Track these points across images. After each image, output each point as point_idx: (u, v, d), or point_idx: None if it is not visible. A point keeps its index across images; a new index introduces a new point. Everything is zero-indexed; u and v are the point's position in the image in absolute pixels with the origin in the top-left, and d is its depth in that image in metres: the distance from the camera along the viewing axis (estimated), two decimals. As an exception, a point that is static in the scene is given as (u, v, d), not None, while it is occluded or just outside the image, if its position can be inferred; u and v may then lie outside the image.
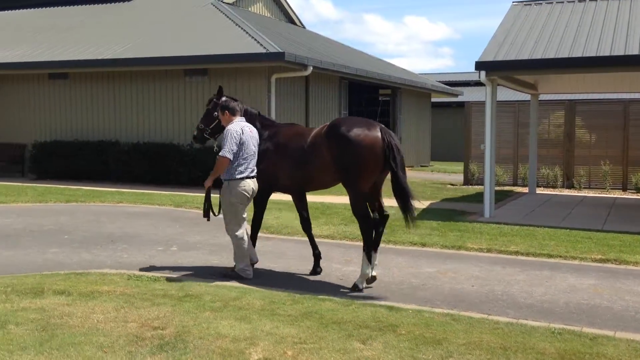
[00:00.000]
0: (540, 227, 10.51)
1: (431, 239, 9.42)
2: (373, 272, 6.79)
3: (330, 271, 7.48)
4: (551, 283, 7.08)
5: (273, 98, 16.59)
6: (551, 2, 14.04)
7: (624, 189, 17.03)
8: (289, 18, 26.33)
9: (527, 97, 17.27)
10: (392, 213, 7.31)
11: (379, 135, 6.55)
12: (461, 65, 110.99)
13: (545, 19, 13.28)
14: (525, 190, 16.71)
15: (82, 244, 8.98)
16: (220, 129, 7.38)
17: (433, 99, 29.47)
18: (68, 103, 19.02)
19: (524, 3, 14.38)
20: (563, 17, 13.18)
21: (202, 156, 15.59)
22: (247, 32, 17.31)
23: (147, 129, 17.90)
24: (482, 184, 13.55)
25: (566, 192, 16.77)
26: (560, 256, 8.39)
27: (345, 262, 7.88)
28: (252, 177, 6.99)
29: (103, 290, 6.32)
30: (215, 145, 7.47)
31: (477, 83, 30.42)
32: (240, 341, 4.90)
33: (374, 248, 6.84)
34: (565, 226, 10.66)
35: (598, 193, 16.62)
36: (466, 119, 18.87)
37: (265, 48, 15.93)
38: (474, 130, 18.36)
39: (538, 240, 9.45)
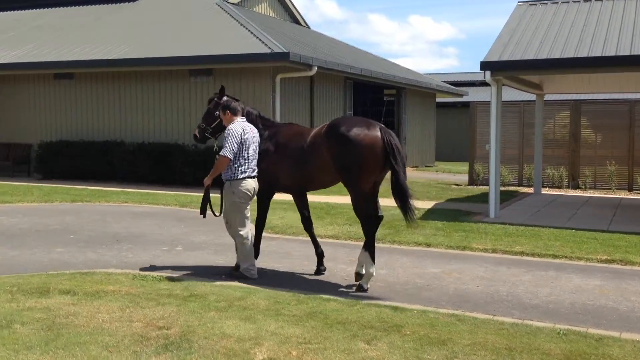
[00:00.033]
0: (545, 228, 10.49)
1: (436, 240, 9.41)
2: (362, 270, 6.83)
3: (335, 271, 7.49)
4: (556, 284, 7.06)
5: (278, 98, 16.61)
6: (557, 2, 14.01)
7: (630, 190, 16.97)
8: (294, 18, 26.34)
9: (533, 97, 17.23)
10: (396, 214, 7.30)
11: (379, 135, 6.55)
12: (466, 65, 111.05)
13: (550, 19, 13.25)
14: (530, 190, 16.69)
15: (88, 244, 9.01)
16: (221, 129, 7.44)
17: (438, 99, 29.45)
18: (74, 103, 19.09)
19: (530, 3, 14.35)
20: (568, 17, 13.15)
21: (207, 156, 15.61)
22: (252, 32, 17.33)
23: (152, 129, 17.94)
24: (487, 184, 13.52)
25: (571, 193, 16.73)
26: (565, 257, 8.37)
27: (350, 262, 7.87)
28: (254, 177, 7.05)
29: (108, 289, 6.34)
30: (215, 144, 7.51)
31: (482, 83, 30.38)
32: (245, 341, 4.91)
33: (363, 248, 6.93)
34: (570, 227, 10.63)
35: (603, 193, 16.57)
36: (471, 119, 18.85)
37: (270, 48, 15.94)
38: (479, 130, 18.35)
39: (543, 240, 9.42)
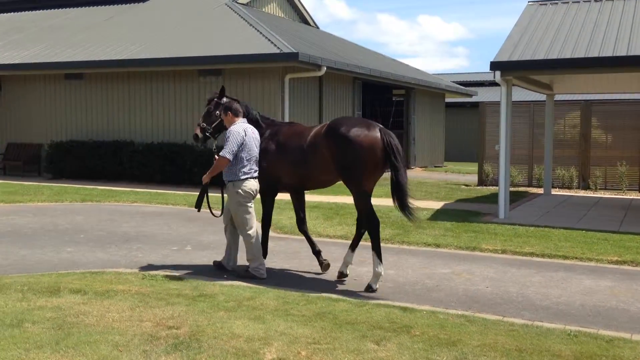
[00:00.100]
0: (555, 229, 10.44)
1: (445, 240, 9.39)
2: (346, 270, 7.14)
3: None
4: (567, 285, 7.02)
5: (287, 98, 16.62)
6: (567, 2, 13.94)
7: (641, 190, 16.87)
8: (303, 18, 26.36)
9: (543, 97, 17.16)
10: (399, 215, 7.29)
11: (378, 135, 6.58)
12: (476, 65, 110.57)
13: (561, 19, 13.19)
14: (540, 191, 16.61)
15: (98, 243, 9.05)
16: (221, 129, 7.50)
17: (447, 99, 29.38)
18: (84, 103, 19.17)
19: (540, 3, 14.28)
20: (579, 17, 13.08)
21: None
22: (261, 33, 17.35)
23: (162, 129, 18.00)
24: (497, 185, 13.47)
25: (582, 193, 16.63)
26: (576, 258, 8.33)
27: (359, 263, 7.86)
28: (255, 177, 7.16)
29: (118, 289, 6.36)
30: (214, 144, 7.55)
31: (492, 83, 30.28)
32: (254, 341, 4.91)
33: (352, 247, 7.13)
34: (581, 227, 10.57)
35: (614, 194, 16.46)
36: (481, 120, 18.79)
37: (279, 48, 15.95)
38: (489, 130, 18.28)
39: (553, 241, 9.38)
